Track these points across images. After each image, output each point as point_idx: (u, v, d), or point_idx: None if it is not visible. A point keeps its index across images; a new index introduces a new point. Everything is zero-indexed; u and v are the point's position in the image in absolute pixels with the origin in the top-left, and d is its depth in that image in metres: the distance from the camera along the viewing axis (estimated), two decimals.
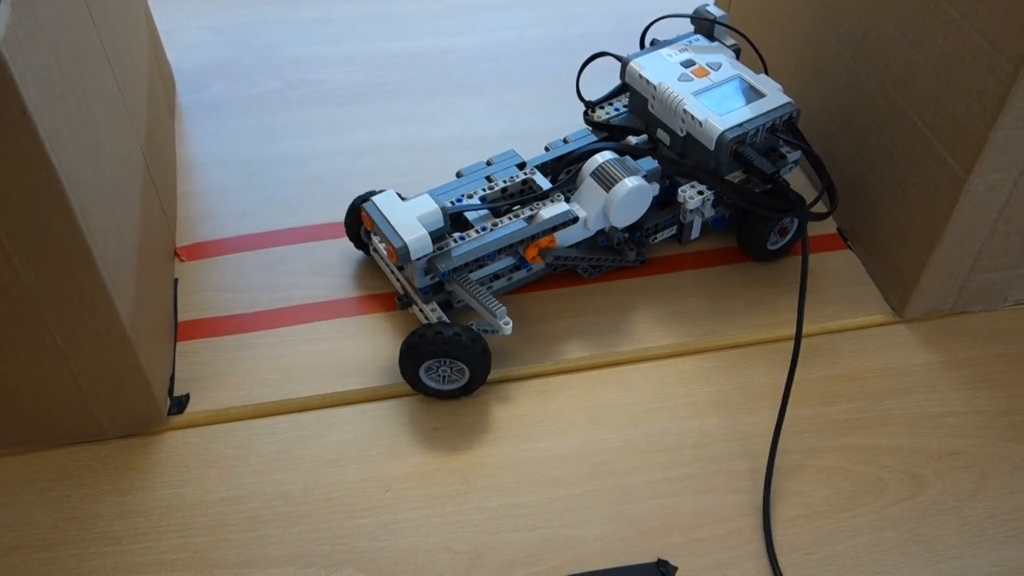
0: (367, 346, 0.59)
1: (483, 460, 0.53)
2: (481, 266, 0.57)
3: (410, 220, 0.54)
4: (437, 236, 0.54)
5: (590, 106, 0.66)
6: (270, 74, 0.81)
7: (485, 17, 0.88)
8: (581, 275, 0.63)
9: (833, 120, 0.67)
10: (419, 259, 0.54)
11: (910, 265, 0.60)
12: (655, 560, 0.49)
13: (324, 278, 0.63)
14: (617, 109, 0.66)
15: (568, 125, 0.75)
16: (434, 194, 0.57)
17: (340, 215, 0.67)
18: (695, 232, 0.64)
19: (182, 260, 0.64)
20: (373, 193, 0.61)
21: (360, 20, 0.87)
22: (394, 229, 0.53)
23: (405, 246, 0.53)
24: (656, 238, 0.63)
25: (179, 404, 0.55)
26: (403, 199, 0.55)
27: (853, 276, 0.65)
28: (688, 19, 0.66)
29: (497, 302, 0.55)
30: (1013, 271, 0.60)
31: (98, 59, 0.53)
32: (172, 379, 0.57)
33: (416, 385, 0.55)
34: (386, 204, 0.55)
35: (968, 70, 0.52)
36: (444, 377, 0.55)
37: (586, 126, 0.65)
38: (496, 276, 0.59)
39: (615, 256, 0.62)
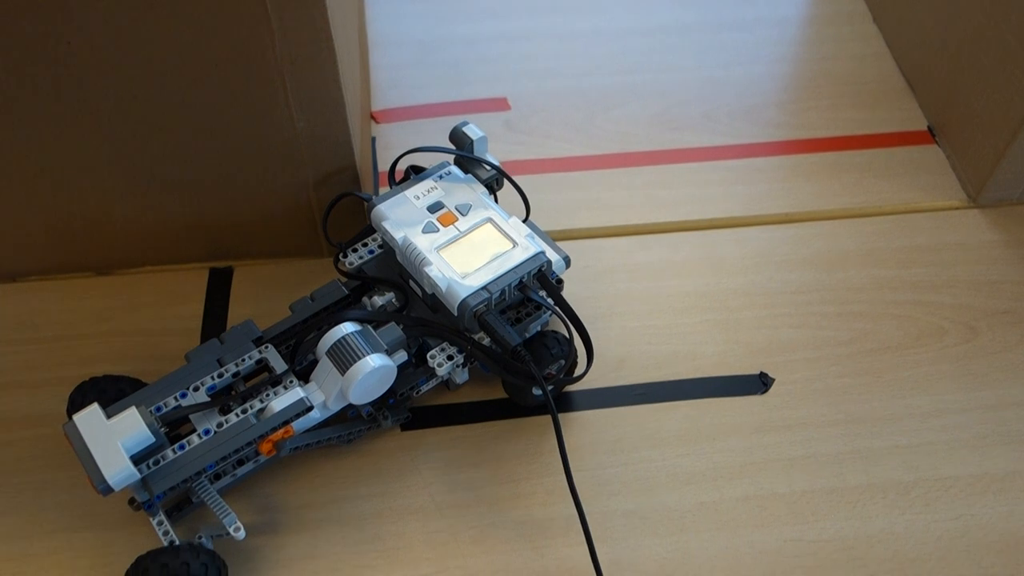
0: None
1: (623, 293, 0.68)
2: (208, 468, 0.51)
3: (112, 447, 0.47)
4: (150, 452, 0.49)
5: (342, 250, 0.60)
6: None
7: None
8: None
9: (935, 32, 0.76)
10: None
11: (987, 159, 0.71)
12: (758, 372, 0.63)
13: (493, 143, 0.77)
14: (372, 251, 0.60)
15: (694, 22, 0.86)
16: (152, 394, 0.52)
17: (502, 92, 0.79)
18: (463, 377, 0.60)
19: (377, 122, 0.78)
20: (94, 383, 0.54)
21: None
22: (93, 460, 0.47)
23: (104, 481, 0.47)
24: (420, 391, 0.58)
25: None
26: (107, 417, 0.49)
27: (937, 167, 0.76)
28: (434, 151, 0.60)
29: (226, 507, 0.51)
30: None
31: None
32: None
33: None
34: (88, 426, 0.48)
35: None
36: None
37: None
38: (240, 461, 0.54)
39: (370, 424, 0.58)
